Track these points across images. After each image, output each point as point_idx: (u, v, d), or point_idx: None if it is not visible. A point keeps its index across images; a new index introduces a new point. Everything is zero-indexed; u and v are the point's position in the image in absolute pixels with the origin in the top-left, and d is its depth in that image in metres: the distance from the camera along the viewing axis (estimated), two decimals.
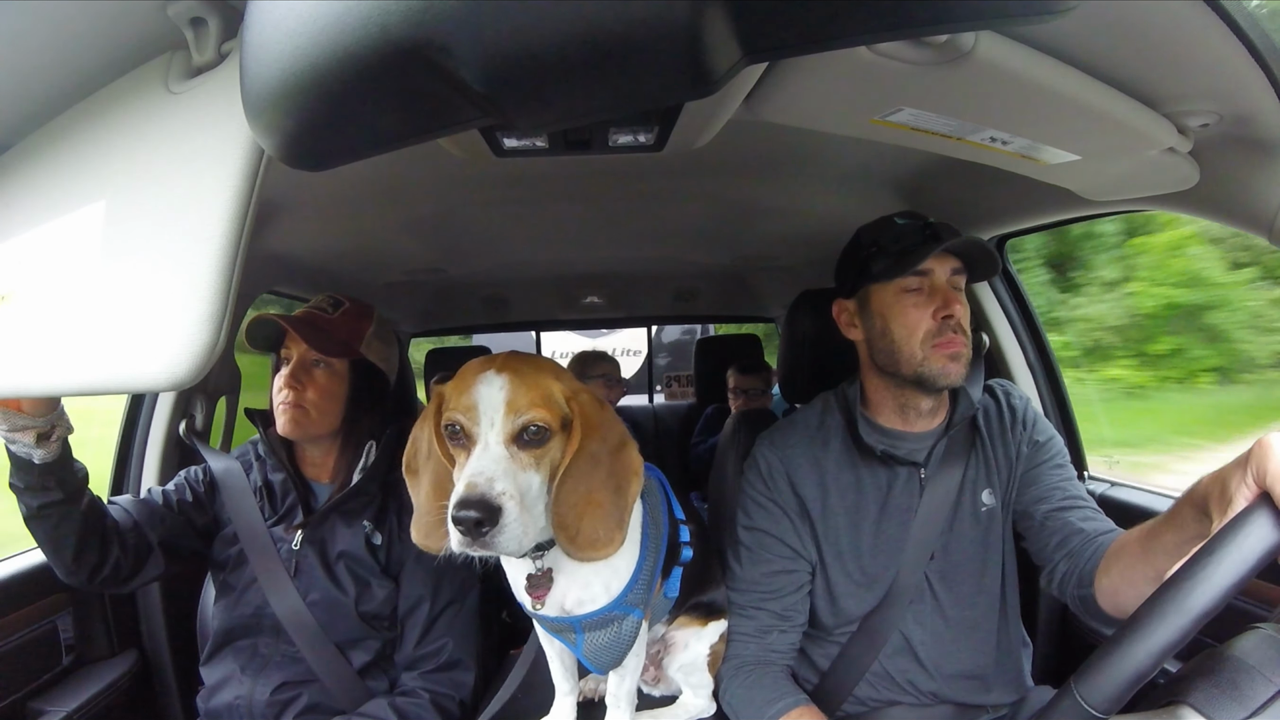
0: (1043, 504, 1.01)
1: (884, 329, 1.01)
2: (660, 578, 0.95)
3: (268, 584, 1.10)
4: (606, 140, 0.90)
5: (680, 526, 1.00)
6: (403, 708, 1.08)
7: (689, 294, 2.63)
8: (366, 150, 0.40)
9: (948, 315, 0.97)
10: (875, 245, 1.02)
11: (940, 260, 0.98)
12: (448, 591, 1.15)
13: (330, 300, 1.19)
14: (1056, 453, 1.06)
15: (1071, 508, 0.99)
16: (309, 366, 1.12)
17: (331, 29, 0.32)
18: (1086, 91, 0.67)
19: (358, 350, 1.16)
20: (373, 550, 1.13)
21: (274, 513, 1.16)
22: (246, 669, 1.10)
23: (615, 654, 0.92)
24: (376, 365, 1.20)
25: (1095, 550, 0.91)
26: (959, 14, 0.35)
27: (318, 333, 1.12)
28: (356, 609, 1.10)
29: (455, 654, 1.14)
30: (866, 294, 1.03)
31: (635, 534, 0.90)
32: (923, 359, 0.97)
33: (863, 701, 1.05)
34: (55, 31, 0.55)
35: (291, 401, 1.11)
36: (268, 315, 1.12)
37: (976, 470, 1.04)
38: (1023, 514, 1.04)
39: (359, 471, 1.15)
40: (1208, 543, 0.54)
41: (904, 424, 1.05)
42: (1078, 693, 0.53)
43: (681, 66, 0.32)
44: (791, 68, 0.69)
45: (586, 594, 0.89)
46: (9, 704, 1.14)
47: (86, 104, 0.63)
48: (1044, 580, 0.99)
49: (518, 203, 1.36)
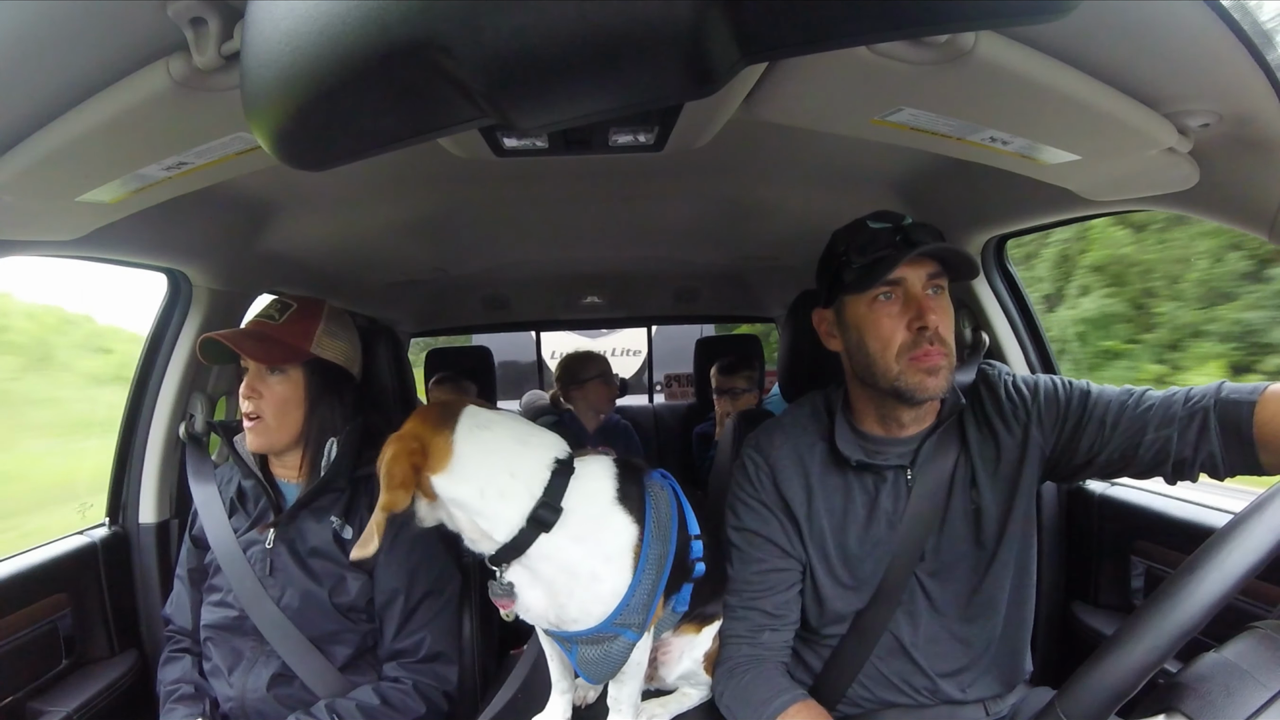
0: (1116, 428, 0.92)
1: (859, 341, 0.97)
2: (670, 593, 0.93)
3: (243, 597, 1.12)
4: (606, 140, 0.90)
5: (693, 542, 0.97)
6: (386, 692, 1.09)
7: (689, 294, 2.63)
8: (366, 150, 0.40)
9: (923, 326, 0.92)
10: (846, 254, 0.97)
11: (914, 266, 0.94)
12: (423, 584, 1.16)
13: (278, 305, 1.19)
14: (1061, 391, 0.99)
15: (1141, 401, 0.91)
16: (264, 376, 1.14)
17: (332, 29, 0.32)
18: (1086, 91, 0.67)
19: (308, 352, 1.15)
20: (341, 544, 1.13)
21: (248, 517, 1.18)
22: (235, 669, 1.12)
23: (607, 669, 0.92)
24: (334, 362, 1.19)
25: (1231, 395, 0.83)
26: (959, 14, 0.35)
27: (263, 343, 1.13)
28: (331, 600, 1.12)
29: (435, 647, 1.15)
30: (842, 304, 1.00)
31: (627, 559, 0.88)
32: (898, 373, 0.94)
33: (858, 703, 1.05)
34: (55, 32, 0.55)
35: (252, 413, 1.13)
36: (211, 336, 1.12)
37: (965, 468, 1.02)
38: (1100, 456, 0.94)
39: (323, 468, 1.16)
40: (1188, 561, 0.54)
41: (886, 431, 1.04)
42: (1061, 712, 0.53)
43: (681, 66, 0.32)
44: (791, 68, 0.69)
45: (566, 615, 0.88)
46: (9, 704, 1.14)
47: (87, 104, 0.63)
48: (1171, 469, 0.88)
49: (518, 203, 1.36)
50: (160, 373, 1.43)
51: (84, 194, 0.79)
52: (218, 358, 1.16)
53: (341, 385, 1.20)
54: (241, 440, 1.20)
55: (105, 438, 1.47)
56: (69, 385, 3.90)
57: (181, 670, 1.16)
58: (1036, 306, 1.53)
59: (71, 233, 0.93)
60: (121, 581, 1.39)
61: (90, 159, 0.71)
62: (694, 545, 0.98)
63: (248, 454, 1.20)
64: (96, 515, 1.45)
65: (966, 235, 1.39)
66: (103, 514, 1.45)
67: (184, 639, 1.20)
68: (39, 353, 3.95)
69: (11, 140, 0.67)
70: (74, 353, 4.09)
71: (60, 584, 1.27)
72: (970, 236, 1.39)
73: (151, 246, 1.24)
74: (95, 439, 1.33)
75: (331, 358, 1.18)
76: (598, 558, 0.88)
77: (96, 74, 0.60)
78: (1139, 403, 0.92)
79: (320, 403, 1.16)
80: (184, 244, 1.28)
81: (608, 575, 0.88)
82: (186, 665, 1.17)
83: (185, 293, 1.42)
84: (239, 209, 1.26)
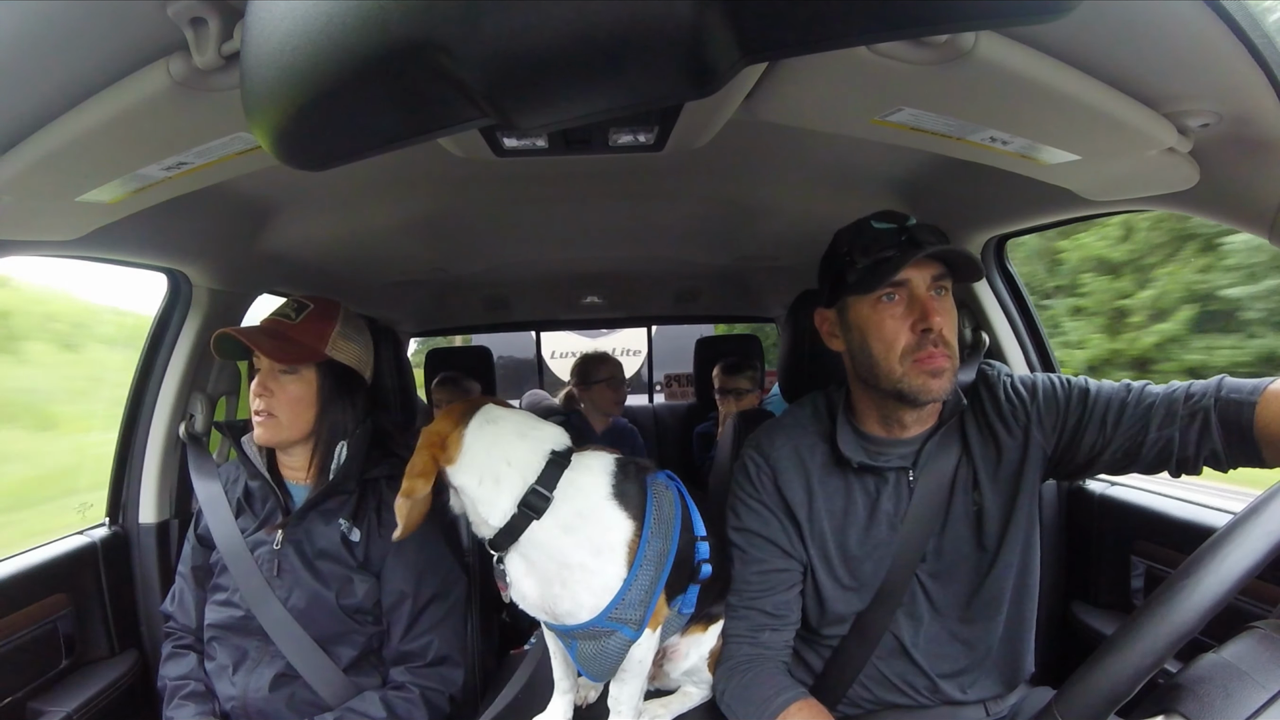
0: (1116, 426, 0.91)
1: (862, 343, 0.97)
2: (663, 594, 0.93)
3: (250, 597, 1.12)
4: (606, 140, 0.90)
5: (698, 543, 0.98)
6: (392, 702, 1.09)
7: (689, 294, 2.63)
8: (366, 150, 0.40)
9: (927, 328, 0.92)
10: (850, 254, 0.97)
11: (919, 267, 0.93)
12: (430, 587, 1.16)
13: (295, 305, 1.19)
14: (1060, 390, 0.99)
15: (1145, 397, 0.91)
16: (276, 374, 1.14)
17: (332, 28, 0.32)
18: (1086, 91, 0.67)
19: (323, 353, 1.15)
20: (349, 547, 1.14)
21: (255, 517, 1.18)
22: (238, 668, 1.12)
23: (604, 666, 0.93)
24: (347, 365, 1.19)
25: (1234, 392, 0.83)
26: (959, 14, 0.34)
27: (279, 341, 1.13)
28: (338, 602, 1.12)
29: (442, 650, 1.15)
30: (845, 305, 1.00)
31: (620, 553, 0.90)
32: (901, 375, 0.94)
33: (859, 703, 1.05)
34: (55, 32, 0.55)
35: (263, 410, 1.13)
36: (227, 331, 1.13)
37: (967, 470, 1.02)
38: (1103, 454, 0.94)
39: (333, 471, 1.16)
40: (1186, 563, 0.54)
41: (888, 432, 1.04)
42: (1059, 715, 0.53)
43: (681, 66, 0.32)
44: (791, 68, 0.69)
45: (559, 606, 0.90)
46: (9, 704, 1.14)
47: (87, 104, 0.63)
48: (1176, 462, 0.88)
49: (518, 203, 1.36)
50: (160, 373, 1.43)
51: (84, 194, 0.79)
52: (230, 353, 1.17)
53: (354, 388, 1.20)
54: (249, 440, 1.20)
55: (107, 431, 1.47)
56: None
57: (187, 666, 1.16)
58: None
59: (71, 233, 0.93)
60: (121, 581, 1.39)
61: (90, 159, 0.71)
62: (700, 546, 0.98)
63: (255, 454, 1.20)
64: (97, 515, 1.45)
65: (966, 235, 1.39)
66: (103, 514, 1.45)
67: (186, 636, 1.20)
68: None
69: (11, 140, 0.67)
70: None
71: (60, 584, 1.27)
72: (970, 236, 1.39)
73: (151, 246, 1.24)
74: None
75: (345, 360, 1.18)
76: (587, 549, 0.89)
77: (96, 74, 0.60)
78: (1139, 400, 0.92)
79: (332, 405, 1.17)
80: (184, 244, 1.28)
81: (598, 568, 0.89)
82: (192, 662, 1.17)
83: (185, 293, 1.42)
84: (239, 209, 1.26)
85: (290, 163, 0.41)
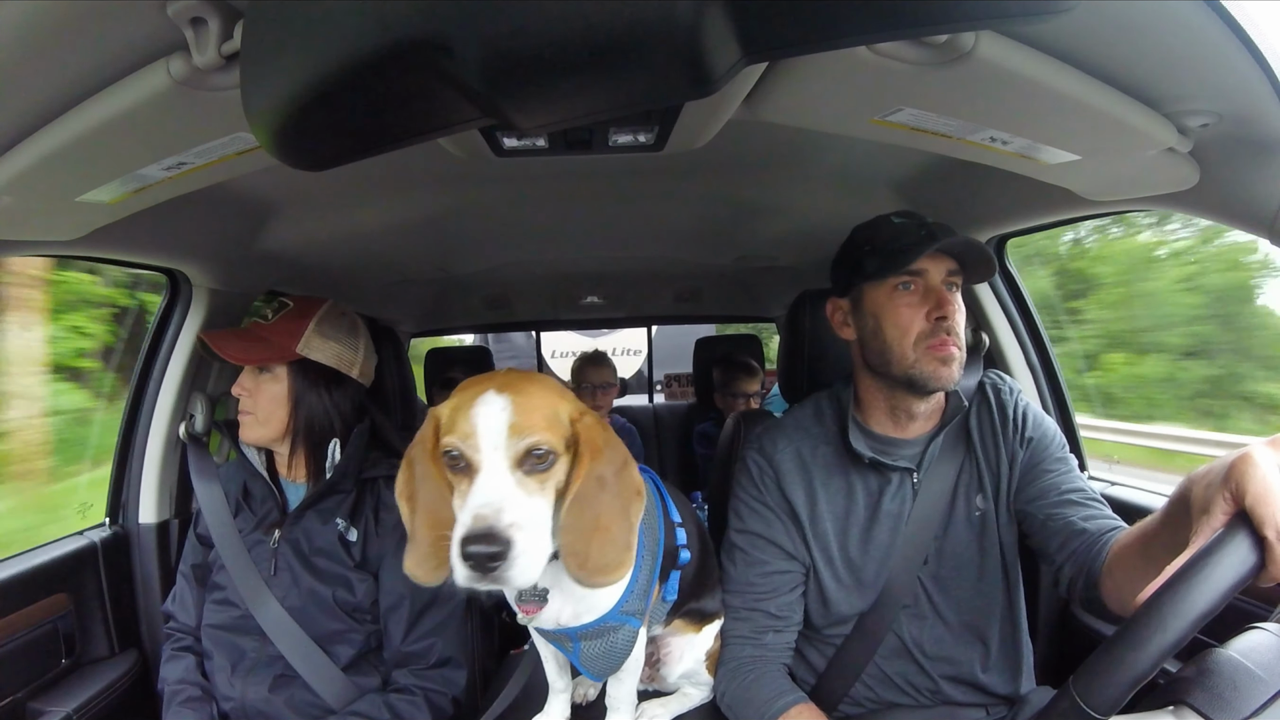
0: (1042, 503, 0.99)
1: (876, 329, 1.00)
2: (659, 581, 0.94)
3: (247, 595, 1.12)
4: (606, 140, 0.90)
5: (676, 529, 0.99)
6: (395, 704, 1.09)
7: (689, 294, 2.63)
8: (367, 150, 0.40)
9: (941, 317, 0.95)
10: (869, 244, 1.00)
11: (935, 261, 0.97)
12: (430, 588, 1.15)
13: (273, 305, 1.19)
14: (1054, 446, 1.03)
15: (1071, 503, 0.97)
16: (254, 373, 1.15)
17: (332, 29, 0.32)
18: (1086, 91, 0.67)
19: (294, 352, 1.14)
20: (346, 546, 1.13)
21: (253, 516, 1.18)
22: (236, 668, 1.12)
23: (611, 662, 0.92)
24: (324, 363, 1.17)
25: (1098, 551, 0.89)
26: (959, 14, 0.35)
27: (248, 342, 1.14)
28: (336, 600, 1.12)
29: (445, 652, 1.14)
30: (860, 293, 1.03)
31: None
32: (914, 360, 0.96)
33: (861, 703, 1.05)
34: (55, 32, 0.55)
35: (242, 408, 1.15)
36: (200, 336, 1.14)
37: (970, 474, 1.03)
38: (1025, 514, 1.01)
39: (329, 470, 1.16)
40: (1206, 545, 0.54)
41: (896, 429, 1.05)
42: (1076, 694, 0.53)
43: (681, 66, 0.32)
44: (791, 68, 0.69)
45: (583, 607, 0.88)
46: (9, 704, 1.14)
47: (87, 104, 0.63)
48: (1051, 581, 0.97)
49: (517, 203, 1.36)
50: (160, 373, 1.43)
51: (84, 194, 0.79)
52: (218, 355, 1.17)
53: (331, 386, 1.19)
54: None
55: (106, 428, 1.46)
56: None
57: (185, 670, 1.16)
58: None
59: (71, 233, 0.93)
60: (121, 581, 1.39)
61: (90, 159, 0.71)
62: (677, 532, 0.99)
63: (253, 455, 1.20)
64: (96, 515, 1.45)
65: (967, 235, 1.38)
66: (103, 514, 1.45)
67: (186, 636, 1.20)
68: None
69: (11, 140, 0.67)
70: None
71: (60, 584, 1.27)
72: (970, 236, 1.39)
73: (151, 246, 1.24)
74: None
75: (321, 359, 1.16)
76: None
77: (96, 74, 0.60)
78: (1069, 520, 0.95)
79: (303, 402, 1.16)
80: (184, 244, 1.28)
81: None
82: (190, 664, 1.16)
83: (185, 293, 1.41)
84: (239, 209, 1.26)
85: (290, 163, 0.41)
